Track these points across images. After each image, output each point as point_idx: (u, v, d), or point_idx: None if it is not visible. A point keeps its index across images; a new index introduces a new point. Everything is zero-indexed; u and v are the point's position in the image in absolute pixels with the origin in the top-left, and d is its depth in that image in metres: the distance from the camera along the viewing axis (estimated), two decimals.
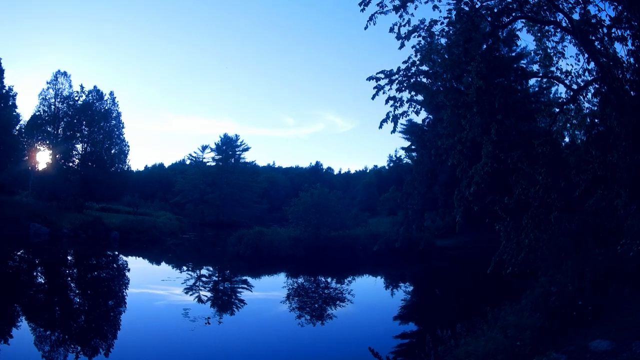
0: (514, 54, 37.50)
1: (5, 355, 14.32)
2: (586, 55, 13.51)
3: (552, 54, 14.75)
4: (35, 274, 31.70)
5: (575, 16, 13.37)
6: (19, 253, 40.37)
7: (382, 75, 14.17)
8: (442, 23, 13.77)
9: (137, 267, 37.64)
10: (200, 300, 24.36)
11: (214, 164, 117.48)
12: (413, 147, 67.09)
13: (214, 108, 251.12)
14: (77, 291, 26.98)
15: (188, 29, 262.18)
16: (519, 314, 11.83)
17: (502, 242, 14.13)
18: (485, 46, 13.82)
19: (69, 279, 31.23)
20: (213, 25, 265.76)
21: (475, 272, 30.54)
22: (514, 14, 13.47)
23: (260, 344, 17.27)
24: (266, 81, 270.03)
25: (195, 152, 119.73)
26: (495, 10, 13.27)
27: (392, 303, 26.22)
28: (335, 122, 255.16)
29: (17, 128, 73.72)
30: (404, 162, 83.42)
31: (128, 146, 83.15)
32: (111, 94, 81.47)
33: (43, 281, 29.55)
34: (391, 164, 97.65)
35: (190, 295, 25.53)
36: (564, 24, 13.80)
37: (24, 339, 15.94)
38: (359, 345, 16.78)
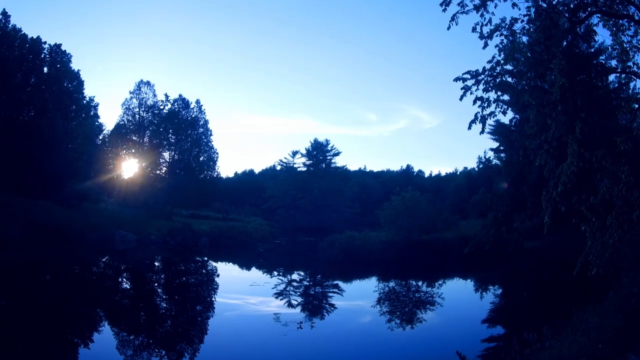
0: (592, 50, 36.84)
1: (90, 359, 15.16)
2: None
3: (628, 49, 14.68)
4: (120, 279, 32.80)
5: None
6: (103, 259, 41.95)
7: (468, 76, 14.51)
8: (522, 21, 14.00)
9: (226, 272, 38.52)
10: (290, 305, 24.90)
11: (304, 169, 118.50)
12: (501, 148, 66.39)
13: (291, 107, 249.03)
14: (163, 296, 27.95)
15: (260, 27, 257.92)
16: (601, 316, 11.92)
17: (588, 242, 14.13)
18: (565, 43, 13.91)
19: (155, 284, 32.25)
20: (287, 20, 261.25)
21: (562, 274, 30.25)
22: (589, 9, 13.53)
23: (351, 346, 17.80)
24: (343, 76, 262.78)
25: (285, 158, 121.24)
26: (572, 6, 13.37)
27: (481, 306, 26.33)
28: (420, 117, 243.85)
29: (101, 137, 76.12)
30: (493, 163, 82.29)
31: (217, 153, 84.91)
32: (197, 102, 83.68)
33: (128, 287, 30.64)
34: (480, 166, 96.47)
35: (281, 300, 26.13)
36: (636, 17, 13.79)
37: (107, 343, 16.58)
38: (448, 348, 17.01)
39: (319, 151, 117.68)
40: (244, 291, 28.02)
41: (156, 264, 42.70)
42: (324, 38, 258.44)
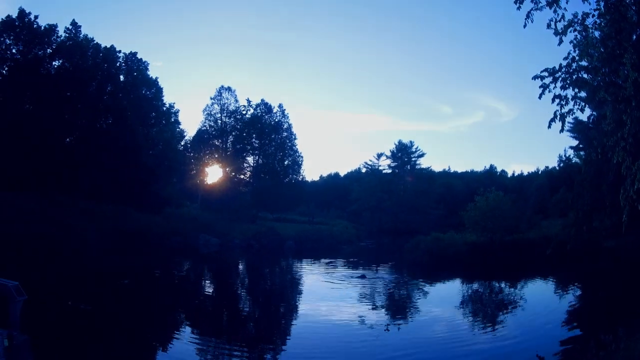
0: None
1: None
2: None
3: None
4: (202, 283, 33.49)
5: None
6: (186, 263, 43.35)
7: (546, 74, 14.44)
8: (593, 15, 13.77)
9: (311, 275, 38.64)
10: (375, 307, 25.23)
11: (389, 171, 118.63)
12: (581, 145, 65.31)
13: (360, 101, 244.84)
14: (246, 299, 28.62)
15: (328, 22, 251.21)
16: None
17: None
18: (635, 36, 13.62)
19: (238, 287, 32.99)
20: (357, 14, 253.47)
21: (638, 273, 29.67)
22: None
23: (434, 347, 17.81)
24: (413, 66, 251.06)
25: (370, 160, 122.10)
26: None
27: (561, 307, 26.01)
28: (497, 109, 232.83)
29: (182, 143, 77.69)
30: (573, 161, 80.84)
31: (301, 157, 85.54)
32: (280, 106, 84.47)
33: (210, 290, 31.22)
34: (561, 164, 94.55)
35: (366, 302, 26.39)
36: None
37: (187, 346, 16.89)
38: (528, 349, 16.84)
39: (403, 153, 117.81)
40: (328, 294, 28.16)
41: (240, 267, 43.51)
42: (392, 27, 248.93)
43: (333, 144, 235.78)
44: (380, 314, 23.54)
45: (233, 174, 79.39)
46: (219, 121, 79.57)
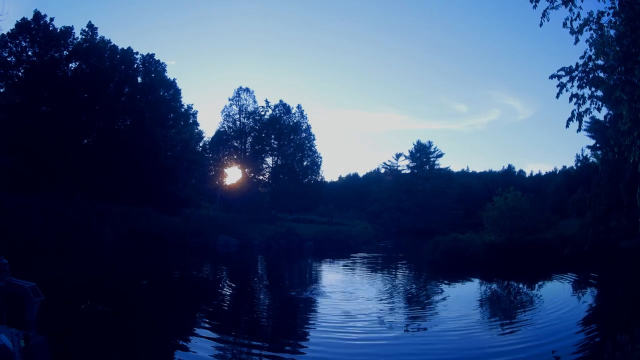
0: None
1: None
2: None
3: None
4: (220, 284, 33.42)
5: None
6: (205, 264, 43.39)
7: (562, 73, 14.37)
8: (608, 14, 13.72)
9: (329, 275, 38.65)
10: (394, 307, 25.22)
11: (408, 171, 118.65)
12: (598, 145, 65.08)
13: (379, 101, 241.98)
14: (265, 300, 28.53)
15: (345, 22, 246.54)
16: None
17: None
18: None
19: (256, 287, 32.96)
20: (373, 14, 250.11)
21: None
22: None
23: (453, 348, 17.73)
24: (430, 64, 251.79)
25: (389, 161, 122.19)
26: None
27: (577, 306, 25.78)
28: (513, 107, 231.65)
29: (201, 144, 78.08)
30: (591, 161, 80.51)
31: (320, 157, 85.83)
32: (299, 107, 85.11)
33: (228, 291, 31.01)
34: (578, 164, 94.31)
35: (384, 302, 26.27)
36: None
37: (205, 346, 16.88)
38: (544, 350, 16.76)
39: (422, 153, 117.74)
40: (347, 293, 28.14)
41: (259, 268, 43.46)
42: (407, 26, 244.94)
43: (351, 144, 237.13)
44: (400, 314, 23.57)
45: (252, 174, 79.84)
46: (238, 122, 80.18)
